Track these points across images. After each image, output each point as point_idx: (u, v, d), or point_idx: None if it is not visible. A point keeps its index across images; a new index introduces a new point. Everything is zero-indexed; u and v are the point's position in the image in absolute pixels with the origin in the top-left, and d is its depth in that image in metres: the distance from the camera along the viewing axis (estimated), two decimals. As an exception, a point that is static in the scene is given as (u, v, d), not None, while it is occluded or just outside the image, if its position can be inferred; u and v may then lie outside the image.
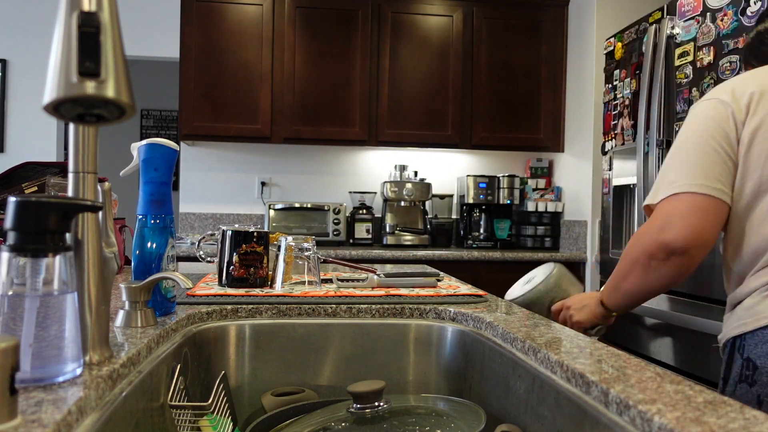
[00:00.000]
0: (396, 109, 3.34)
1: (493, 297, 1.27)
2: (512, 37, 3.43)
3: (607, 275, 2.65)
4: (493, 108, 3.42)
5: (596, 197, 3.12)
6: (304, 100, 3.27)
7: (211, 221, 3.56)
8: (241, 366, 1.06)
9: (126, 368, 0.70)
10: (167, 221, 0.96)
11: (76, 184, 0.65)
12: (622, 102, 2.54)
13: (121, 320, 0.85)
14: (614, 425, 0.59)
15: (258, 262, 1.26)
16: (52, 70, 0.49)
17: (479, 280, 3.02)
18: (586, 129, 3.21)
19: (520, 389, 0.84)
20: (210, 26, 3.21)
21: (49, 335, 0.57)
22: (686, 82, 2.09)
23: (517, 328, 0.93)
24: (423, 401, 0.93)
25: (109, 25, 0.51)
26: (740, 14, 1.84)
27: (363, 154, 3.67)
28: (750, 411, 0.55)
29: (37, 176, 1.40)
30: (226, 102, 3.23)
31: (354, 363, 1.09)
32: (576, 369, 0.69)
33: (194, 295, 1.15)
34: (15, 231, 0.56)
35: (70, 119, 0.53)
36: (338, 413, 0.86)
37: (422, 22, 3.37)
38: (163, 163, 0.95)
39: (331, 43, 3.29)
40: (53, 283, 0.58)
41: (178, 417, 0.83)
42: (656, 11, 2.30)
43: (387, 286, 1.33)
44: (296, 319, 1.10)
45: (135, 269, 0.94)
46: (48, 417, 0.49)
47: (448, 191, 3.71)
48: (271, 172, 3.62)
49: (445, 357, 1.09)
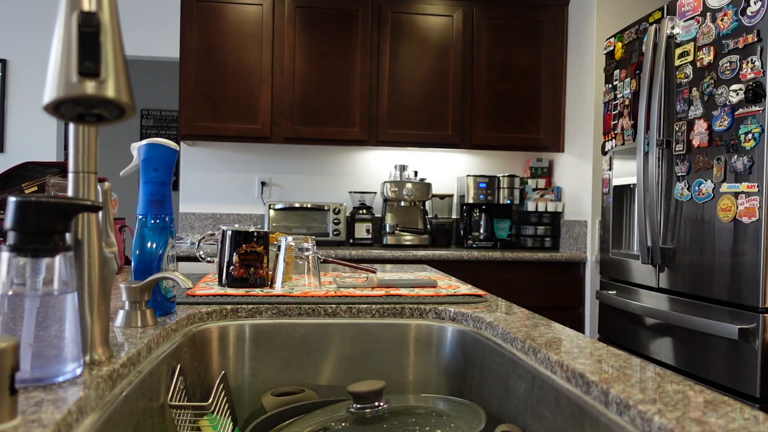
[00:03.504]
0: (396, 109, 3.34)
1: (493, 297, 1.27)
2: (512, 37, 3.43)
3: (608, 275, 2.65)
4: (493, 108, 3.42)
5: (596, 197, 3.12)
6: (304, 100, 3.27)
7: (211, 221, 3.56)
8: (241, 366, 1.06)
9: (126, 368, 0.70)
10: (167, 221, 0.96)
11: (76, 184, 0.65)
12: (622, 102, 2.54)
13: (121, 320, 0.85)
14: (614, 425, 0.59)
15: (258, 262, 1.26)
16: (52, 70, 0.49)
17: (479, 280, 3.02)
18: (586, 129, 3.21)
19: (520, 389, 0.84)
20: (210, 26, 3.22)
21: (49, 335, 0.57)
22: (686, 82, 2.09)
23: (517, 328, 0.93)
24: (423, 401, 0.93)
25: (109, 25, 0.51)
26: (740, 14, 1.84)
27: (363, 154, 3.67)
28: (750, 411, 0.55)
29: (37, 176, 1.40)
30: (226, 102, 3.23)
31: (354, 363, 1.09)
32: (576, 369, 0.69)
33: (194, 295, 1.15)
34: (15, 231, 0.56)
35: (70, 119, 0.53)
36: (338, 413, 0.86)
37: (422, 22, 3.37)
38: (163, 163, 0.95)
39: (331, 43, 3.29)
40: (53, 283, 0.58)
41: (178, 417, 0.83)
42: (656, 11, 2.31)
43: (387, 285, 1.33)
44: (296, 319, 1.10)
45: (135, 269, 0.94)
46: (48, 417, 0.49)
47: (448, 191, 3.71)
48: (271, 172, 3.62)
49: (445, 357, 1.09)
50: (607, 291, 2.59)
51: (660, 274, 2.24)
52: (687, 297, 2.08)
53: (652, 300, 2.27)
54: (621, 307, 2.45)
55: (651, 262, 2.25)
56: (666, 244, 2.18)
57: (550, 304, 3.10)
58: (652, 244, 2.22)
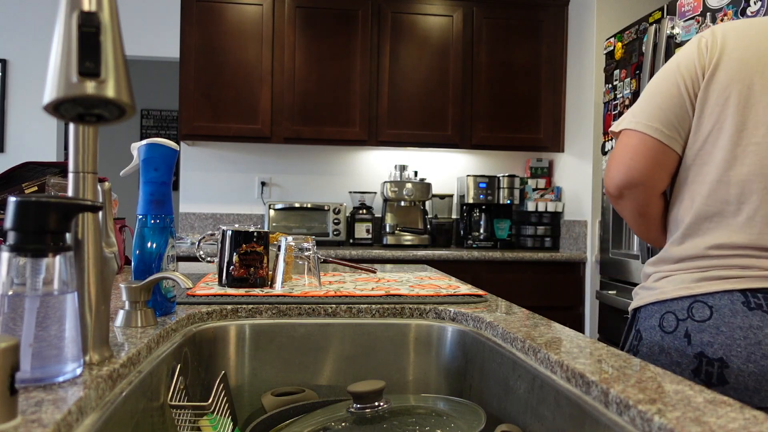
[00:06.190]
0: (396, 109, 3.34)
1: (493, 297, 1.27)
2: (512, 37, 3.43)
3: (608, 275, 2.65)
4: (493, 108, 3.42)
5: (596, 197, 3.12)
6: (304, 100, 3.27)
7: (211, 221, 3.56)
8: (241, 366, 1.06)
9: (126, 368, 0.70)
10: (167, 221, 0.96)
11: (76, 184, 0.65)
12: (622, 102, 2.54)
13: (121, 320, 0.85)
14: (614, 425, 0.59)
15: (258, 262, 1.25)
16: (52, 70, 0.49)
17: (479, 280, 3.02)
18: (586, 129, 3.21)
19: (520, 389, 0.84)
20: (210, 26, 3.21)
21: (49, 335, 0.57)
22: (686, 82, 2.08)
23: (517, 328, 0.93)
24: (423, 401, 0.93)
25: (109, 25, 0.51)
26: (740, 14, 1.84)
27: (363, 154, 3.67)
28: (750, 411, 0.55)
29: (37, 176, 1.40)
30: (226, 102, 3.23)
31: (354, 363, 1.09)
32: (576, 369, 0.69)
33: (194, 295, 1.15)
34: (15, 231, 0.56)
35: (70, 119, 0.53)
36: (338, 413, 0.86)
37: (422, 22, 3.37)
38: (163, 163, 0.95)
39: (331, 43, 3.29)
40: (53, 283, 0.58)
41: (178, 417, 0.83)
42: (656, 11, 2.31)
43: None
44: (296, 319, 1.10)
45: (135, 269, 0.94)
46: (48, 417, 0.49)
47: (448, 191, 3.71)
48: (271, 172, 3.62)
49: (445, 357, 1.09)
50: (607, 291, 2.59)
51: (660, 274, 2.23)
52: (687, 297, 2.07)
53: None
54: (621, 307, 2.45)
55: (651, 262, 2.24)
56: (666, 244, 2.18)
57: (550, 304, 3.10)
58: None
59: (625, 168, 1.04)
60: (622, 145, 1.05)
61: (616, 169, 1.05)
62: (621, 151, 1.05)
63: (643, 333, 1.02)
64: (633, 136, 1.03)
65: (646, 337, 1.01)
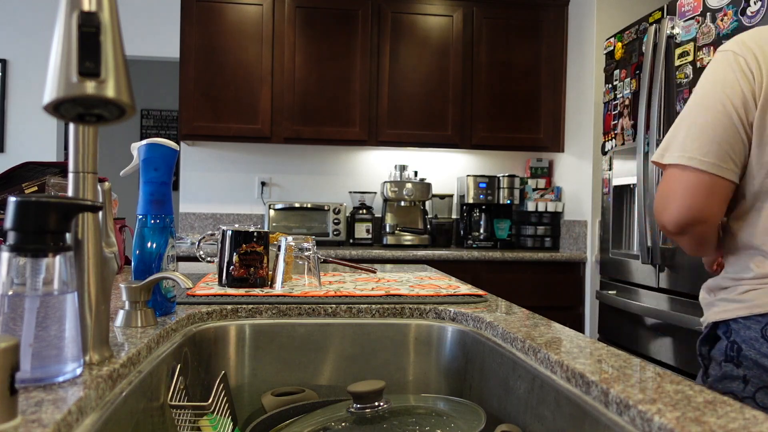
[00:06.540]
0: (396, 109, 3.34)
1: (493, 297, 1.27)
2: (512, 37, 3.43)
3: (608, 275, 2.65)
4: (493, 108, 3.42)
5: (596, 197, 3.12)
6: (304, 100, 3.27)
7: (211, 221, 3.56)
8: (241, 366, 1.06)
9: (126, 368, 0.70)
10: (167, 221, 0.96)
11: (76, 184, 0.65)
12: (622, 102, 2.54)
13: (121, 320, 0.85)
14: (614, 425, 0.59)
15: (258, 262, 1.25)
16: (52, 70, 0.49)
17: (479, 280, 3.02)
18: (586, 129, 3.21)
19: (520, 389, 0.84)
20: (210, 26, 3.21)
21: (49, 335, 0.57)
22: (686, 82, 2.08)
23: (517, 328, 0.93)
24: (423, 401, 0.93)
25: (109, 25, 0.51)
26: (740, 14, 1.84)
27: (363, 154, 3.67)
28: (750, 411, 0.55)
29: (37, 176, 1.40)
30: (226, 102, 3.23)
31: (354, 363, 1.09)
32: (576, 369, 0.69)
33: (194, 295, 1.15)
34: (15, 231, 0.56)
35: (70, 119, 0.53)
36: (338, 413, 0.86)
37: (422, 22, 3.37)
38: (163, 163, 0.95)
39: (331, 43, 3.29)
40: (53, 283, 0.58)
41: (178, 417, 0.83)
42: (656, 11, 2.31)
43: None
44: (296, 319, 1.10)
45: (135, 269, 0.94)
46: (48, 417, 0.49)
47: (448, 191, 3.71)
48: (271, 172, 3.62)
49: (445, 357, 1.09)
50: (607, 291, 2.59)
51: (660, 274, 2.23)
52: (687, 297, 2.07)
53: (652, 300, 2.27)
54: (621, 307, 2.45)
55: (651, 262, 2.25)
56: (666, 244, 2.18)
57: (550, 304, 3.10)
58: (652, 244, 2.22)
59: (686, 207, 1.02)
60: (678, 183, 1.03)
61: (677, 208, 1.03)
62: (677, 189, 1.03)
63: (742, 344, 1.01)
64: (689, 172, 1.01)
65: (747, 348, 1.00)
